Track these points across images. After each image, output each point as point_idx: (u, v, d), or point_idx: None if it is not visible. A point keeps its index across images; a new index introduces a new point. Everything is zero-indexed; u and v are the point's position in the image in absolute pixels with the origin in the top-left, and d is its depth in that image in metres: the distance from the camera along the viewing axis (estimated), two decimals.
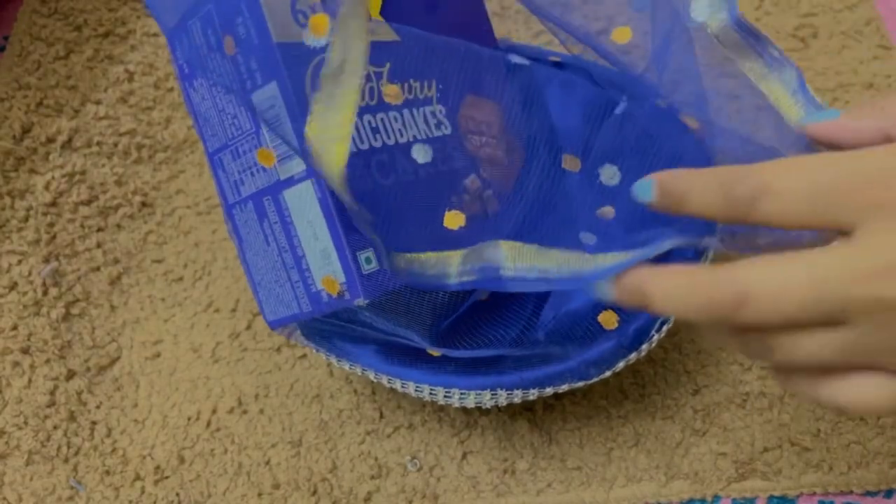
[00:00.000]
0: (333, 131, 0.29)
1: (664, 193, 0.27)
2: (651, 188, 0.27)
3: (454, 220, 0.36)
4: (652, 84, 0.38)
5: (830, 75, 0.57)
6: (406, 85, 0.37)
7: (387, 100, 0.36)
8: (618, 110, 0.37)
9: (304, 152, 0.31)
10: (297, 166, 0.34)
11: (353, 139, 0.35)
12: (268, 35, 0.33)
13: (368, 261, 0.34)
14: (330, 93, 0.29)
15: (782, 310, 0.24)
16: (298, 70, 0.33)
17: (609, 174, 0.37)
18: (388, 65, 0.37)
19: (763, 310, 0.24)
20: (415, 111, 0.38)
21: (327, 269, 0.35)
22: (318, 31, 0.32)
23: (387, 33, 0.36)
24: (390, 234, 0.35)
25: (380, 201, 0.35)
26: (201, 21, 0.35)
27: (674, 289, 0.26)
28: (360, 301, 0.34)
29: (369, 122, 0.36)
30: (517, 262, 0.32)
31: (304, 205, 0.35)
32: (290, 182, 0.35)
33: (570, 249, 0.32)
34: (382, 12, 0.38)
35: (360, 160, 0.35)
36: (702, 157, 0.41)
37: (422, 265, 0.33)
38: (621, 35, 0.39)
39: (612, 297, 0.27)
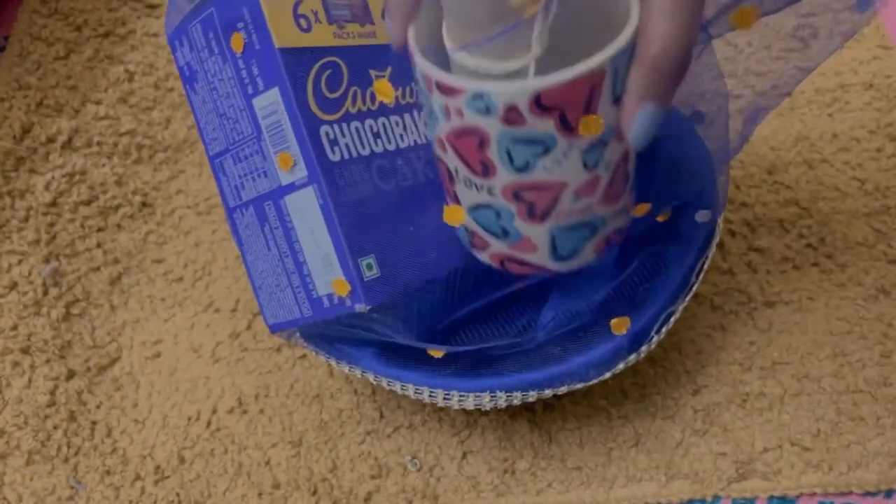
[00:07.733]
0: None
1: None
2: None
3: (454, 214, 0.35)
4: None
5: (830, 75, 0.57)
6: (408, 89, 0.37)
7: (378, 97, 0.36)
8: None
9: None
10: (298, 172, 0.34)
11: (355, 145, 0.35)
12: (269, 40, 0.33)
13: (370, 267, 0.34)
14: None
15: None
16: (300, 76, 0.33)
17: None
18: (389, 69, 0.36)
19: None
20: (416, 115, 0.37)
21: (330, 276, 0.35)
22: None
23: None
24: (385, 237, 0.35)
25: (380, 206, 0.35)
26: (202, 24, 0.35)
27: None
28: (362, 307, 0.34)
29: (371, 127, 0.35)
30: None
31: (305, 211, 0.34)
32: (292, 188, 0.35)
33: None
34: None
35: (361, 165, 0.35)
36: (700, 149, 0.41)
37: None
38: None
39: None
